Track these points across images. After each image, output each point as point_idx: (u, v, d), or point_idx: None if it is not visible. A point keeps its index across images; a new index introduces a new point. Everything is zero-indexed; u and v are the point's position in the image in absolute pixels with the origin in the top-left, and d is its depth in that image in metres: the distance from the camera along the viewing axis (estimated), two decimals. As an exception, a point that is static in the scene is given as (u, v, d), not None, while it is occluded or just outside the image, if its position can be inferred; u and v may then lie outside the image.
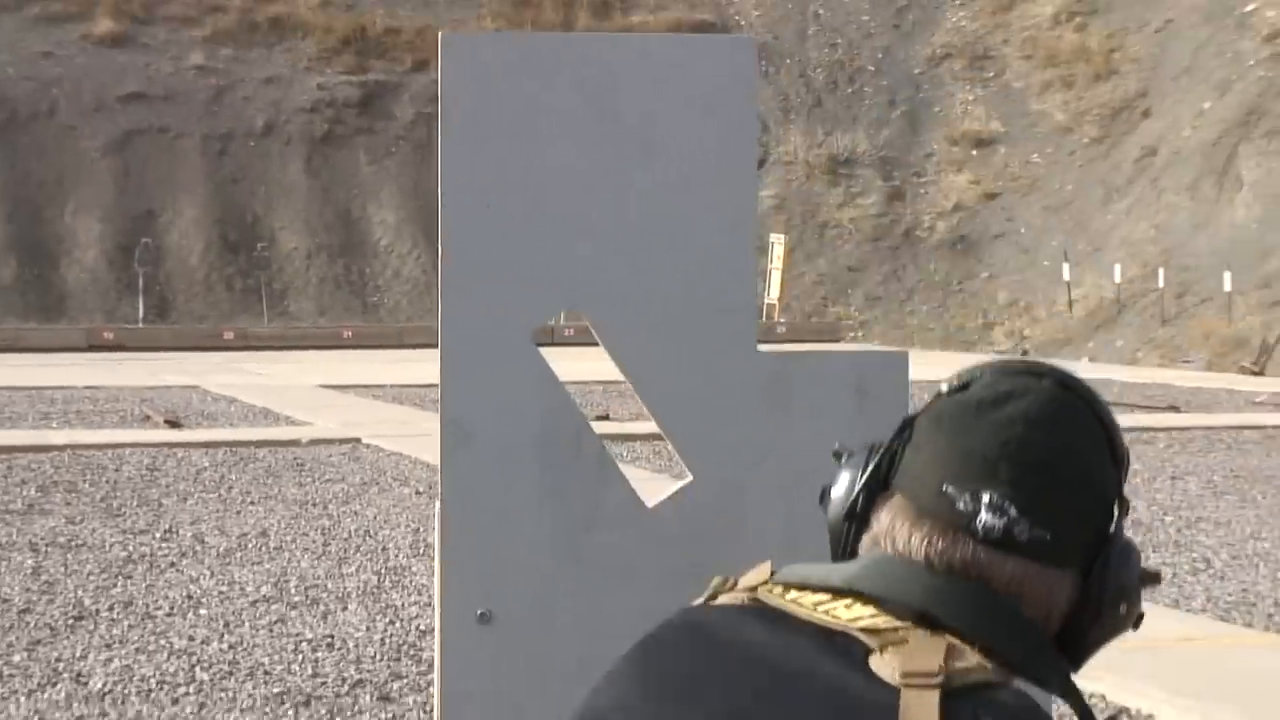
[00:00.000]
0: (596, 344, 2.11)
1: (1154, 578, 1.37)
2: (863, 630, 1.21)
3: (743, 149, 2.08)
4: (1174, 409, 17.33)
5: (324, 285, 28.43)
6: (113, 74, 28.35)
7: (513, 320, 1.97)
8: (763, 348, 2.16)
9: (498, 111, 1.94)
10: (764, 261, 25.08)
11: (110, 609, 8.14)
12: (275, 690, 6.54)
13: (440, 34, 2.07)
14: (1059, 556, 1.26)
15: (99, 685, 6.59)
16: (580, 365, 5.90)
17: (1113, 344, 25.27)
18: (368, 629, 7.74)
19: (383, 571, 9.08)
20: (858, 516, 1.29)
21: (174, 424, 15.96)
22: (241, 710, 6.25)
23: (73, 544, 9.95)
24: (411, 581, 8.75)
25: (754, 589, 1.30)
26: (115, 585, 8.75)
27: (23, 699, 6.22)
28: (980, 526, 1.25)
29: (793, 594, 1.27)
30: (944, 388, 1.31)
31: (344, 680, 6.66)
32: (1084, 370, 16.03)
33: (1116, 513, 1.30)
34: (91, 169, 27.84)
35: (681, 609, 1.38)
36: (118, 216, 27.42)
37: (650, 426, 2.26)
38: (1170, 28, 28.54)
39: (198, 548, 9.91)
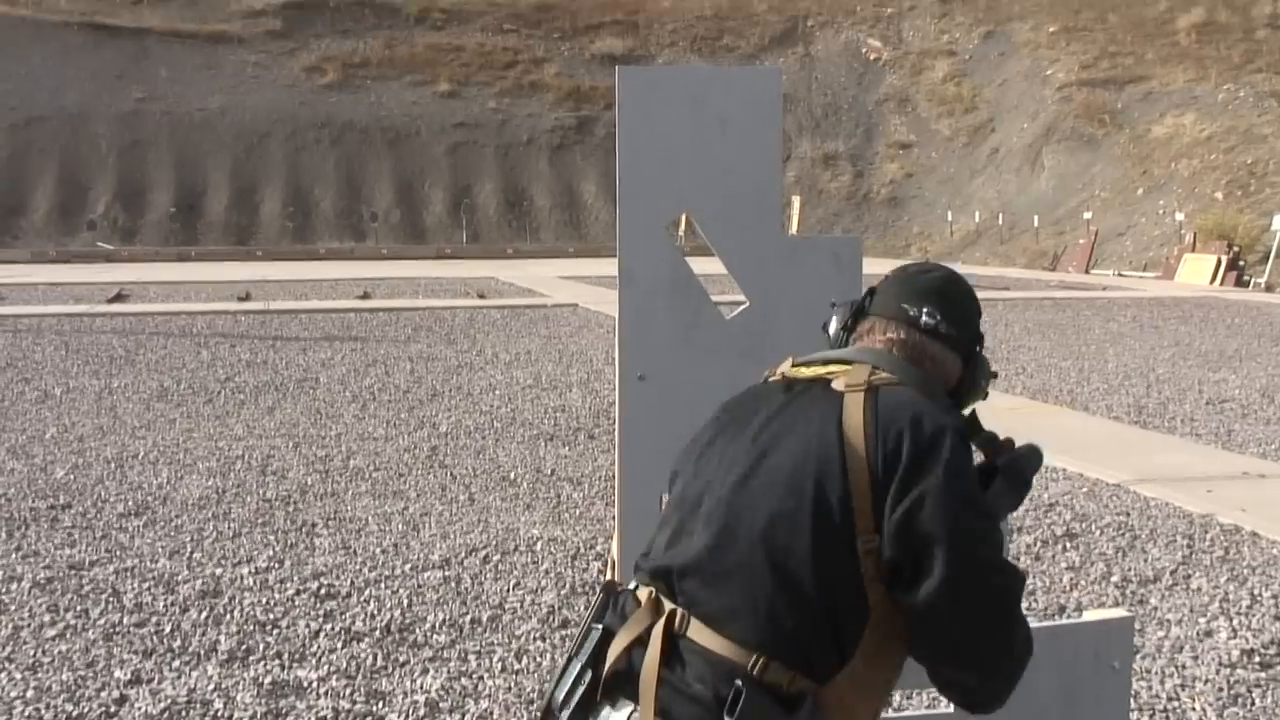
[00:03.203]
0: (698, 255, 3.00)
1: (994, 374, 2.15)
2: (829, 372, 1.96)
3: (774, 138, 2.89)
4: (1007, 288, 23.63)
5: (558, 225, 42.45)
6: (447, 113, 44.69)
7: (655, 218, 2.88)
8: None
9: (645, 111, 2.82)
10: (788, 211, 35.59)
11: (450, 392, 10.68)
12: (533, 433, 8.59)
13: (617, 68, 2.99)
14: (958, 346, 2.04)
15: (444, 429, 8.76)
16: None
17: (974, 255, 35.73)
18: (582, 400, 10.08)
19: (590, 372, 11.85)
20: (849, 329, 2.07)
21: (481, 295, 21.19)
22: (516, 442, 8.29)
23: (430, 357, 13.05)
24: (606, 378, 11.18)
25: (782, 371, 2.09)
26: (452, 379, 11.46)
27: (404, 439, 8.35)
28: (922, 322, 2.00)
29: (798, 369, 2.06)
30: (890, 272, 2.13)
31: (570, 428, 8.84)
32: (959, 268, 19.27)
33: (980, 341, 2.09)
34: (436, 166, 43.40)
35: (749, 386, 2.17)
36: (454, 188, 42.65)
37: (720, 294, 2.91)
38: (1006, 83, 42.67)
39: (494, 360, 12.83)
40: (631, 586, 1.96)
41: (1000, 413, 9.24)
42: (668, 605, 1.86)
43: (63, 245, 39.15)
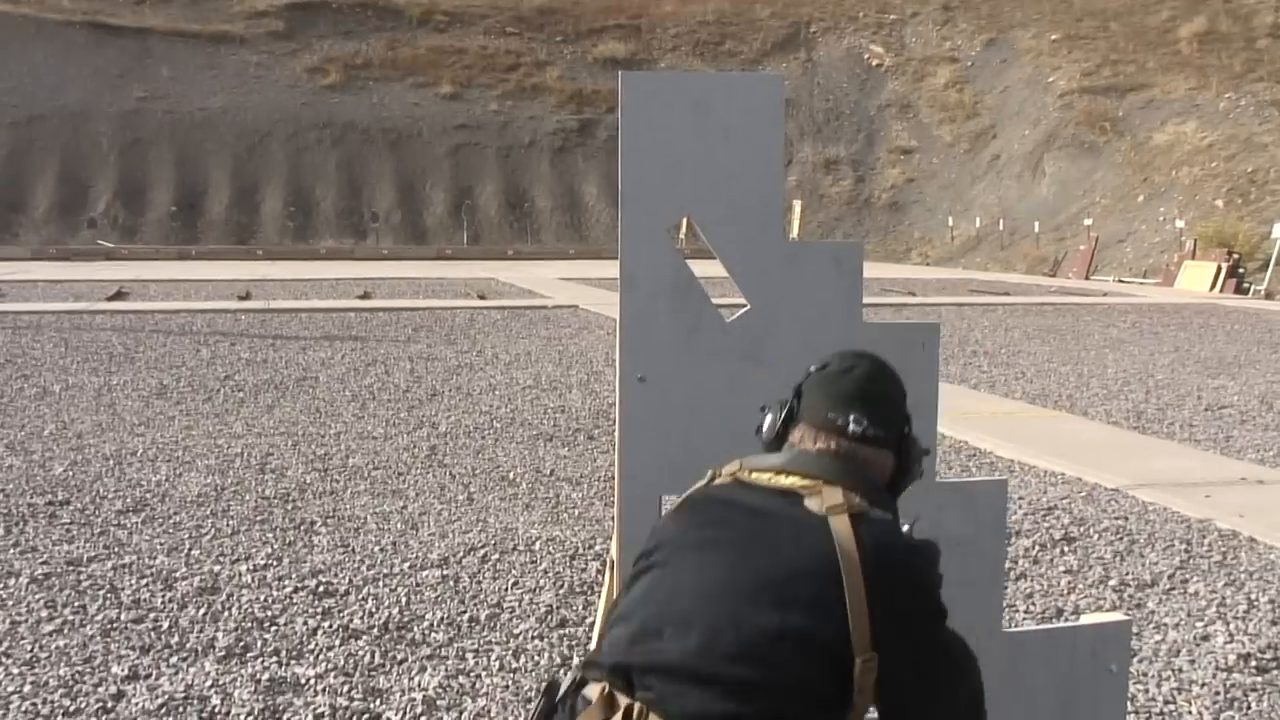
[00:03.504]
0: (700, 258, 2.97)
1: (925, 452, 2.29)
2: (798, 487, 2.04)
3: (776, 144, 2.91)
4: (1007, 293, 23.78)
5: (559, 226, 42.43)
6: (449, 115, 44.32)
7: (657, 222, 2.90)
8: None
9: (648, 116, 2.84)
10: (789, 215, 37.10)
11: (450, 391, 10.63)
12: (533, 433, 8.54)
13: (621, 73, 2.94)
14: (887, 443, 2.16)
15: (444, 428, 8.78)
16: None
17: (974, 260, 36.01)
18: (582, 401, 10.01)
19: (589, 373, 11.82)
20: (778, 436, 2.17)
21: (482, 296, 21.07)
22: (515, 442, 8.25)
23: (430, 357, 12.99)
24: (606, 379, 11.20)
25: (733, 474, 2.20)
26: (452, 379, 11.42)
27: (403, 438, 8.35)
28: (850, 431, 2.12)
29: (754, 474, 2.15)
30: (813, 368, 2.23)
31: (570, 429, 8.80)
32: (958, 275, 24.12)
33: (908, 422, 2.23)
34: (438, 167, 43.25)
35: (697, 488, 2.21)
36: (455, 189, 42.61)
37: (721, 297, 2.92)
38: (1008, 90, 42.45)
39: (494, 360, 12.77)
40: (571, 682, 1.99)
41: (999, 417, 9.50)
42: (624, 700, 1.90)
43: (63, 243, 39.19)
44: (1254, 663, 4.42)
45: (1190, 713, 4.00)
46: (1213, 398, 10.87)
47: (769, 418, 2.24)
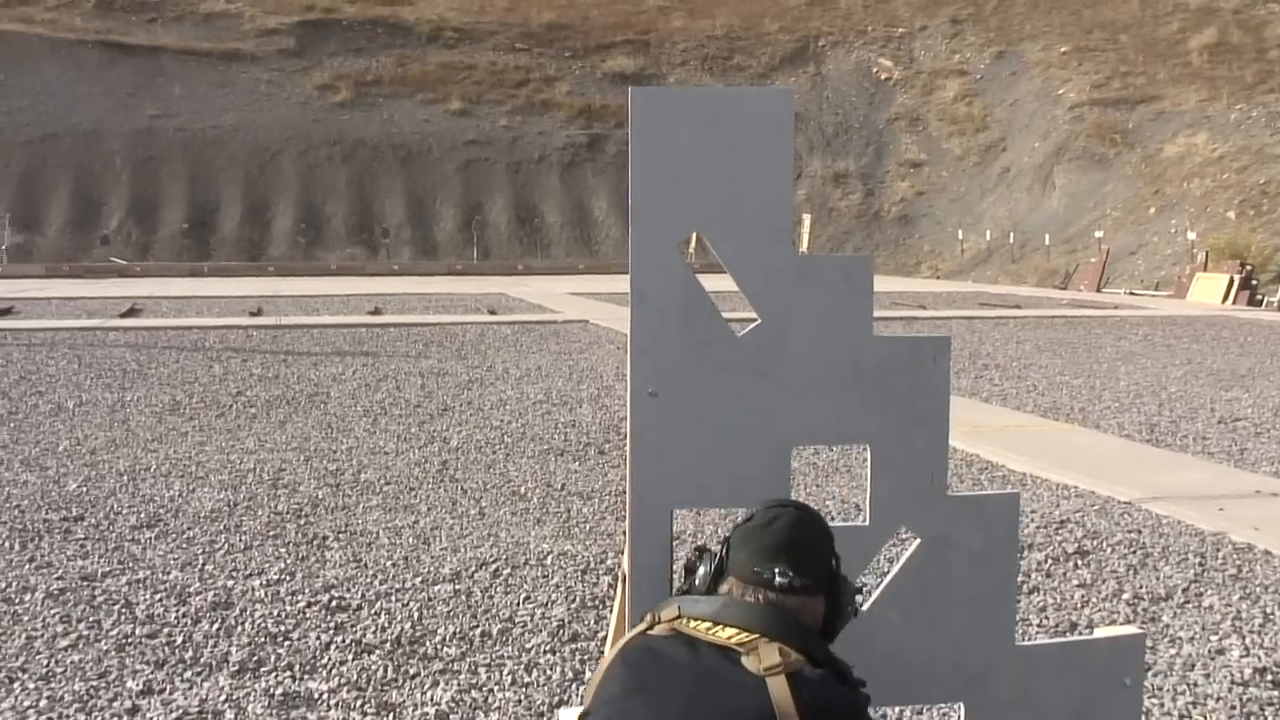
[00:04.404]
0: (709, 272, 2.95)
1: (857, 590, 2.43)
2: (734, 644, 2.13)
3: (786, 158, 2.93)
4: (1018, 306, 23.86)
5: (569, 241, 42.71)
6: (459, 131, 44.69)
7: (667, 237, 2.92)
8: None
9: (658, 131, 2.86)
10: (799, 229, 37.71)
11: (461, 407, 10.65)
12: (544, 448, 8.57)
13: (631, 88, 2.98)
14: (815, 590, 2.27)
15: (455, 443, 8.78)
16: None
17: (985, 274, 36.26)
18: (592, 416, 10.03)
19: (600, 388, 11.80)
20: (711, 587, 2.30)
21: (492, 311, 21.18)
22: (526, 457, 8.27)
23: (441, 372, 12.99)
24: (616, 394, 11.21)
25: (671, 621, 2.24)
26: (463, 394, 11.45)
27: (415, 453, 8.33)
28: (777, 583, 2.22)
29: (692, 624, 2.26)
30: (740, 520, 2.40)
31: (580, 444, 8.79)
32: (968, 288, 24.09)
33: (836, 563, 2.36)
34: (448, 183, 43.68)
35: (637, 636, 2.29)
36: (465, 205, 42.80)
37: (730, 311, 2.92)
38: (1018, 102, 42.61)
39: (504, 375, 12.80)
40: None
41: (1011, 430, 9.47)
42: None
43: (76, 260, 39.36)
44: (1270, 677, 4.40)
45: (1205, 726, 3.99)
46: (1226, 410, 10.83)
47: (701, 570, 2.37)
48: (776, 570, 2.24)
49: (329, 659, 4.48)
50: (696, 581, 2.36)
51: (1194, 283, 27.43)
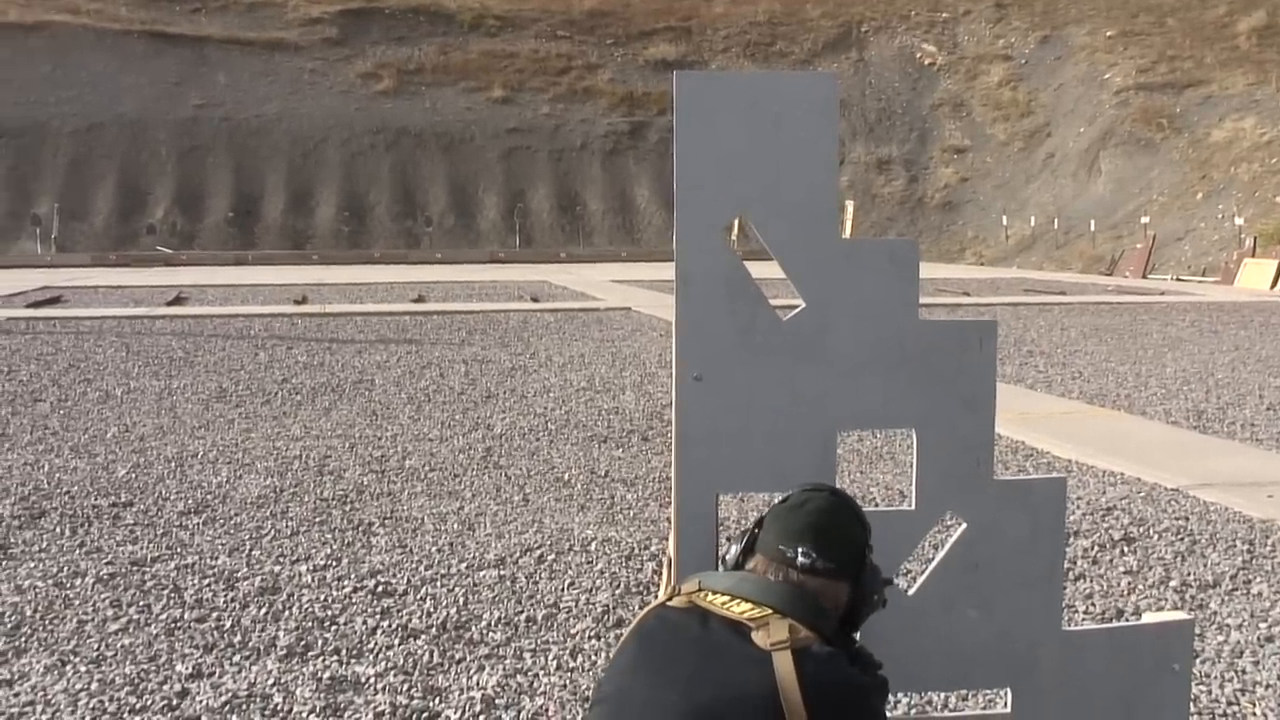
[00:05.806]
0: (751, 259, 2.95)
1: (888, 581, 2.42)
2: (747, 618, 2.14)
3: (831, 142, 2.92)
4: (1063, 293, 23.64)
5: (611, 229, 43.08)
6: (501, 119, 45.33)
7: (711, 221, 2.91)
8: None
9: (702, 116, 2.86)
10: (842, 216, 39.40)
11: (504, 394, 10.75)
12: (587, 435, 8.61)
13: (675, 73, 2.97)
14: (838, 575, 2.27)
15: (499, 430, 8.84)
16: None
17: (1029, 260, 35.95)
18: (636, 403, 10.08)
19: (643, 375, 11.83)
20: (739, 564, 2.33)
21: (535, 299, 21.58)
22: (571, 444, 8.31)
23: (484, 360, 13.09)
24: (659, 380, 11.23)
25: (690, 594, 2.28)
26: (506, 381, 11.53)
27: (459, 440, 8.38)
28: (799, 563, 2.24)
29: (709, 597, 2.23)
30: (776, 502, 2.41)
31: (624, 430, 8.82)
32: (1012, 274, 23.97)
33: (867, 552, 2.37)
34: (490, 171, 44.24)
35: (656, 606, 2.33)
36: (507, 193, 43.40)
37: (775, 298, 2.91)
38: (1063, 87, 42.42)
39: (547, 362, 12.90)
40: None
41: (1056, 417, 9.40)
42: None
43: (123, 249, 39.78)
44: (1320, 664, 4.35)
45: (1255, 714, 3.95)
46: (1275, 397, 10.71)
47: (733, 548, 2.39)
48: (800, 550, 2.25)
49: (375, 643, 4.52)
50: (727, 557, 2.39)
51: (1242, 268, 27.12)
